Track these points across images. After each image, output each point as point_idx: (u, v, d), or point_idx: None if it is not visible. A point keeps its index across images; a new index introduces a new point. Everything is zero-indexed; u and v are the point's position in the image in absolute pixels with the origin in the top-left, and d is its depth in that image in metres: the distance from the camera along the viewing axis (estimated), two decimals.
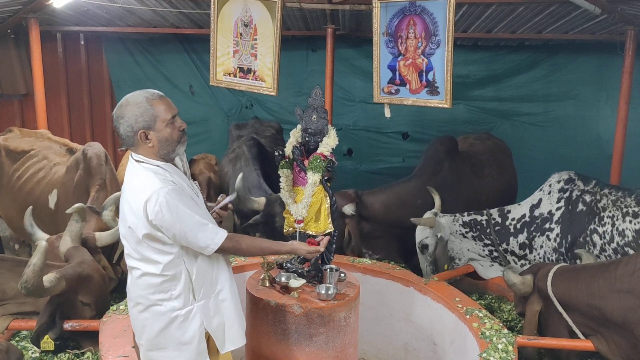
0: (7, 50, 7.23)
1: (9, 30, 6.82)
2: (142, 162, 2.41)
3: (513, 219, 4.36)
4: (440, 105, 4.41)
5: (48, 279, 3.05)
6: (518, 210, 4.38)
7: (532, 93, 7.28)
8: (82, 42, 7.88)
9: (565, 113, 7.17)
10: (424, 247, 4.54)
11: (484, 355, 3.01)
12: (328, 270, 2.98)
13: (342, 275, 3.14)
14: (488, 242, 4.34)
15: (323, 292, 2.91)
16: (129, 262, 2.47)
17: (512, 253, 4.34)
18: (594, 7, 4.82)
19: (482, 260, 4.52)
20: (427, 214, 4.58)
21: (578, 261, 3.72)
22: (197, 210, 2.42)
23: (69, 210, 3.59)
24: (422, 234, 4.58)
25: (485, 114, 7.47)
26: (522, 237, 4.31)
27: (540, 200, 4.30)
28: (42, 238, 3.76)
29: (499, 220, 4.39)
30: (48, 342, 3.19)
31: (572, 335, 3.36)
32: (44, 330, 3.18)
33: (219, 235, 2.43)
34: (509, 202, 5.48)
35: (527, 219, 4.31)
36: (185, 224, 2.33)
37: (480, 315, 3.43)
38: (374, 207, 4.69)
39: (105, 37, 7.73)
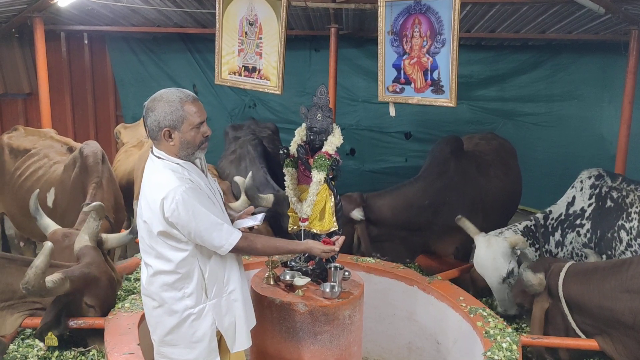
0: (12, 50, 7.26)
1: (13, 30, 6.85)
2: (162, 158, 2.44)
3: (552, 219, 4.35)
4: (445, 104, 4.42)
5: (51, 279, 2.99)
6: (556, 210, 4.36)
7: (535, 93, 7.28)
8: (86, 42, 7.92)
9: (568, 113, 7.17)
10: (510, 274, 3.91)
11: (488, 354, 3.01)
12: (333, 268, 2.98)
13: (347, 273, 3.14)
14: (537, 245, 4.33)
15: (328, 290, 2.91)
16: (145, 258, 2.50)
17: (550, 252, 4.31)
18: (598, 6, 4.80)
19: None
20: (507, 236, 4.01)
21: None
22: (214, 209, 2.44)
23: (86, 209, 3.56)
24: (504, 263, 3.91)
25: (488, 114, 7.47)
26: (557, 235, 4.30)
27: (574, 197, 4.29)
28: (48, 225, 3.73)
29: (542, 222, 4.36)
30: (52, 339, 3.19)
31: (570, 335, 3.33)
32: (47, 328, 3.18)
33: (234, 236, 2.45)
34: (513, 203, 5.47)
35: (562, 217, 4.31)
36: (201, 223, 2.35)
37: (484, 314, 3.42)
38: (381, 210, 4.62)
39: (109, 36, 7.76)
